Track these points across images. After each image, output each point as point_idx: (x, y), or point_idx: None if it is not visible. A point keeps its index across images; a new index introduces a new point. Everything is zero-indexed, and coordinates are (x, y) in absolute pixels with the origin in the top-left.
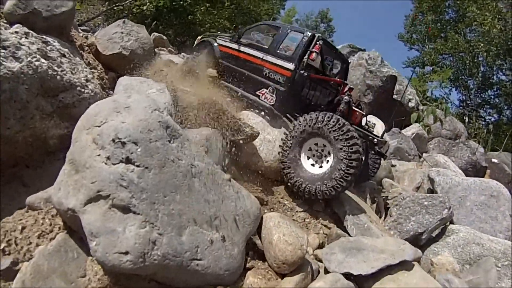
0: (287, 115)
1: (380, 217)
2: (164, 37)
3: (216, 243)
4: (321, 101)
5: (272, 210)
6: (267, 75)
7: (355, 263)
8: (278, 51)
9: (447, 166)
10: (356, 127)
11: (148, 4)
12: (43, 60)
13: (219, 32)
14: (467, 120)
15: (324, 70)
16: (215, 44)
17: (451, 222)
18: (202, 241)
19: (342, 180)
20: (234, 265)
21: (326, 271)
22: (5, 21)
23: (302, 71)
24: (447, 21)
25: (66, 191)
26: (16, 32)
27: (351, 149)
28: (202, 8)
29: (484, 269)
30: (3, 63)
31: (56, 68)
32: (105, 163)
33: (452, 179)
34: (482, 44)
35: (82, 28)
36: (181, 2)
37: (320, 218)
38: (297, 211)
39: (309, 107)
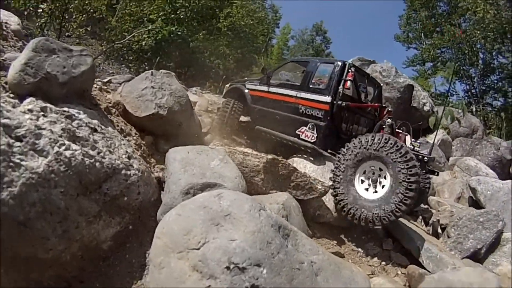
0: (330, 151)
1: (438, 238)
2: (172, 73)
3: None
4: (361, 130)
5: (350, 260)
6: (304, 112)
7: None
8: (311, 86)
9: (479, 169)
10: None
11: (146, 38)
12: (74, 146)
13: (245, 77)
14: (474, 109)
15: (359, 97)
16: (246, 90)
17: None
18: None
19: (401, 204)
20: None
21: None
22: (11, 95)
23: (339, 102)
24: (440, 15)
25: None
26: (30, 111)
27: (410, 171)
28: (201, 35)
29: None
30: (22, 163)
31: (91, 152)
32: None
33: (493, 185)
34: (478, 32)
35: None
36: (179, 33)
37: (393, 258)
38: (370, 256)
39: (351, 138)
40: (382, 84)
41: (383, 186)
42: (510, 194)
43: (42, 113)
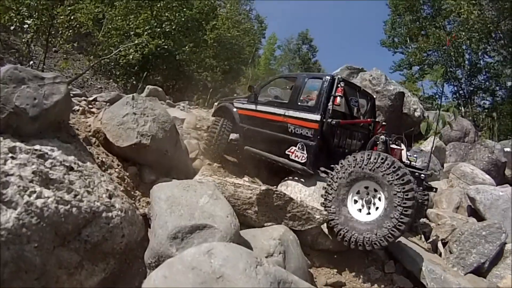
0: (323, 169)
1: (439, 254)
2: (160, 89)
3: None
4: (355, 144)
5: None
6: (293, 131)
7: None
8: (299, 104)
9: (475, 175)
10: None
11: (133, 53)
12: (46, 193)
13: (235, 94)
14: (463, 110)
15: (351, 112)
16: (234, 109)
17: None
18: None
19: (394, 229)
20: None
21: None
22: None
23: (329, 120)
24: (425, 18)
25: None
26: None
27: (407, 195)
28: (188, 48)
29: None
30: None
31: (66, 196)
32: None
33: (492, 194)
34: (463, 33)
35: (73, 92)
36: (166, 46)
37: (396, 282)
38: (372, 281)
39: (344, 156)
40: (374, 96)
41: (377, 208)
42: (511, 201)
43: (10, 154)
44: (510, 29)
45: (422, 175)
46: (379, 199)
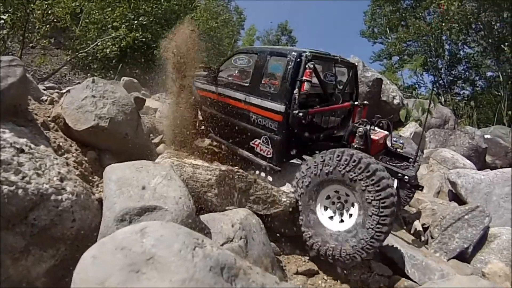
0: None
1: (420, 240)
2: (135, 81)
3: None
4: (332, 124)
5: (325, 277)
6: (256, 121)
7: None
8: (261, 88)
9: (456, 160)
10: (372, 156)
11: (111, 46)
12: None
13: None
14: (443, 100)
15: (325, 91)
16: (194, 87)
17: None
18: None
19: (373, 241)
20: None
21: None
22: None
23: (295, 112)
24: (405, 9)
25: None
26: None
27: (383, 203)
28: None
29: None
30: None
31: (13, 177)
32: None
33: (474, 177)
34: (443, 24)
35: (47, 85)
36: (143, 40)
37: (375, 269)
38: (349, 269)
39: (319, 144)
40: (356, 63)
41: (350, 215)
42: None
43: None
44: (490, 21)
45: (406, 177)
46: (352, 205)
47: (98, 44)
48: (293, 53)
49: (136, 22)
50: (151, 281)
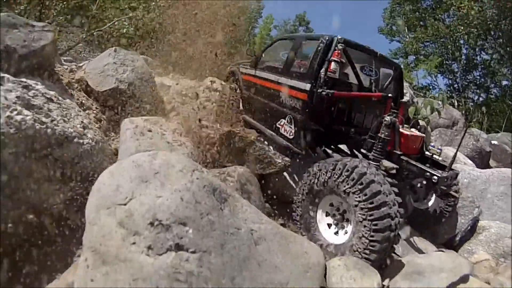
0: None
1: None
2: (150, 58)
3: None
4: (366, 125)
5: None
6: (284, 101)
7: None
8: (292, 69)
9: (457, 158)
10: (408, 159)
11: (127, 26)
12: (26, 112)
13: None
14: (456, 103)
15: (361, 84)
16: (240, 74)
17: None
18: None
19: (368, 252)
20: None
21: None
22: None
23: (320, 90)
24: (425, 9)
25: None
26: None
27: (375, 225)
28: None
29: None
30: None
31: (44, 119)
32: (147, 255)
33: (470, 173)
34: (462, 28)
35: (64, 58)
36: (160, 21)
37: None
38: None
39: (347, 136)
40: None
41: (345, 232)
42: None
43: None
44: (509, 29)
45: (435, 177)
46: (347, 220)
47: (115, 24)
48: (326, 36)
49: (153, 3)
50: (155, 189)
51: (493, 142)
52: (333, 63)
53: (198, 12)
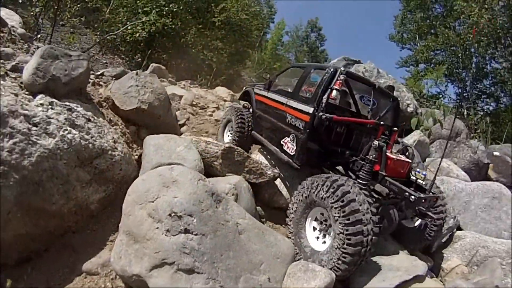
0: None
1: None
2: (163, 67)
3: (264, 284)
4: (359, 148)
5: None
6: (289, 121)
7: (376, 282)
8: (300, 94)
9: (450, 170)
10: (390, 180)
11: (140, 31)
12: (74, 131)
13: (253, 79)
14: (465, 113)
15: (359, 112)
16: (253, 94)
17: (459, 226)
18: (254, 284)
19: (339, 262)
20: None
21: None
22: (26, 93)
23: (320, 114)
24: (435, 17)
25: (127, 260)
26: (42, 104)
27: (349, 239)
28: (193, 30)
29: (490, 269)
30: (38, 141)
31: (86, 136)
32: (166, 235)
33: (456, 186)
34: (472, 36)
35: None
36: (173, 26)
37: None
38: None
39: (342, 157)
40: (399, 99)
41: (323, 243)
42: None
43: (50, 106)
44: None
45: (412, 197)
46: (329, 234)
47: (128, 28)
48: (331, 67)
49: (166, 8)
50: (174, 191)
51: (494, 153)
52: (334, 91)
53: (210, 18)
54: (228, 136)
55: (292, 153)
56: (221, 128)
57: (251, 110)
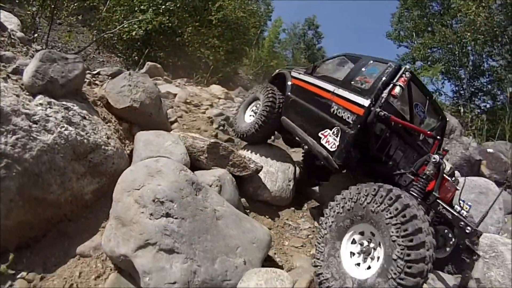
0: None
1: None
2: (159, 66)
3: (240, 266)
4: (399, 159)
5: (278, 232)
6: (335, 112)
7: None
8: (353, 84)
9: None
10: (444, 205)
11: (137, 29)
12: (70, 128)
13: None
14: (462, 110)
15: (412, 121)
16: (289, 77)
17: None
18: (230, 266)
19: None
20: None
21: None
22: (27, 93)
23: (378, 110)
24: (432, 15)
25: (116, 242)
26: (41, 104)
27: (409, 267)
28: (190, 28)
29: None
30: (38, 137)
31: (81, 132)
32: (149, 219)
33: None
34: (469, 34)
35: None
36: (170, 24)
37: None
38: (301, 229)
39: (382, 166)
40: (448, 119)
41: (378, 259)
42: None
43: (48, 105)
44: None
45: (468, 228)
46: (379, 244)
47: (125, 26)
48: (395, 62)
49: (163, 6)
50: (157, 180)
51: (488, 150)
52: (397, 87)
53: (207, 16)
54: (250, 117)
55: (332, 149)
56: (243, 107)
57: (279, 93)
